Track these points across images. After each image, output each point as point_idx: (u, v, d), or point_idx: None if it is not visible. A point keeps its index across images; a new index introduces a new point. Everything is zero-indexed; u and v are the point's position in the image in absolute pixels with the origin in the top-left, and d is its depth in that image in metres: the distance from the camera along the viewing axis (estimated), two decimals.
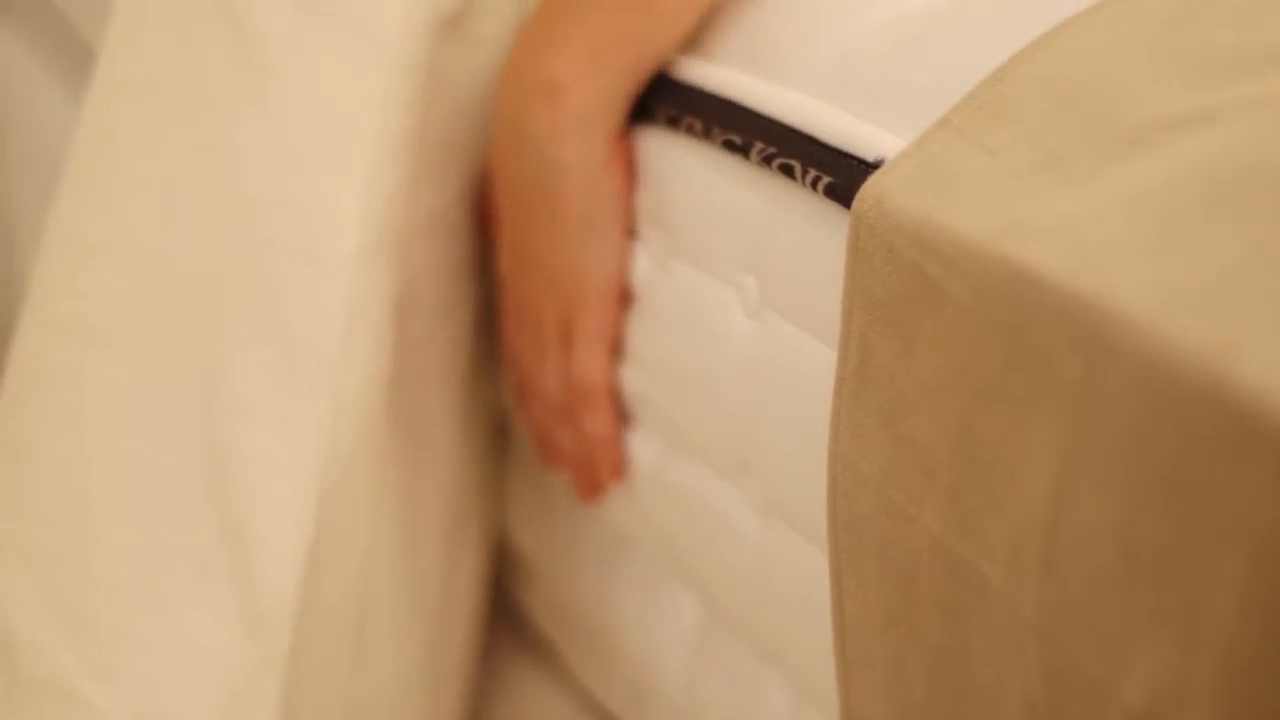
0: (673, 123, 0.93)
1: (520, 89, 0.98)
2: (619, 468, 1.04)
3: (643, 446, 1.01)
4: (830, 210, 0.81)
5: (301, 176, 1.01)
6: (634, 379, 1.00)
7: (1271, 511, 0.58)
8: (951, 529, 0.72)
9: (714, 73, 0.92)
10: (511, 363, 1.07)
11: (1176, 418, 0.61)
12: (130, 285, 1.02)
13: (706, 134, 0.90)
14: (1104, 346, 0.63)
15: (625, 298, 1.00)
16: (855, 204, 0.76)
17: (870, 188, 0.76)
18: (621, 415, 1.03)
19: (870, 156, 0.79)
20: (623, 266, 0.99)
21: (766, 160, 0.85)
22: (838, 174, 0.80)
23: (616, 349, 1.01)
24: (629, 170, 0.98)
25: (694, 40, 0.95)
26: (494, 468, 1.20)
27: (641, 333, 0.98)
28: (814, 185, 0.81)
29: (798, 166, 0.82)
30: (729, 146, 0.88)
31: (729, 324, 0.90)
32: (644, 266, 0.98)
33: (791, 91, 0.86)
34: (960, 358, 0.70)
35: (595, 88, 0.95)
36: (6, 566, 0.99)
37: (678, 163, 0.93)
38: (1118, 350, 0.63)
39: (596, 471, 1.05)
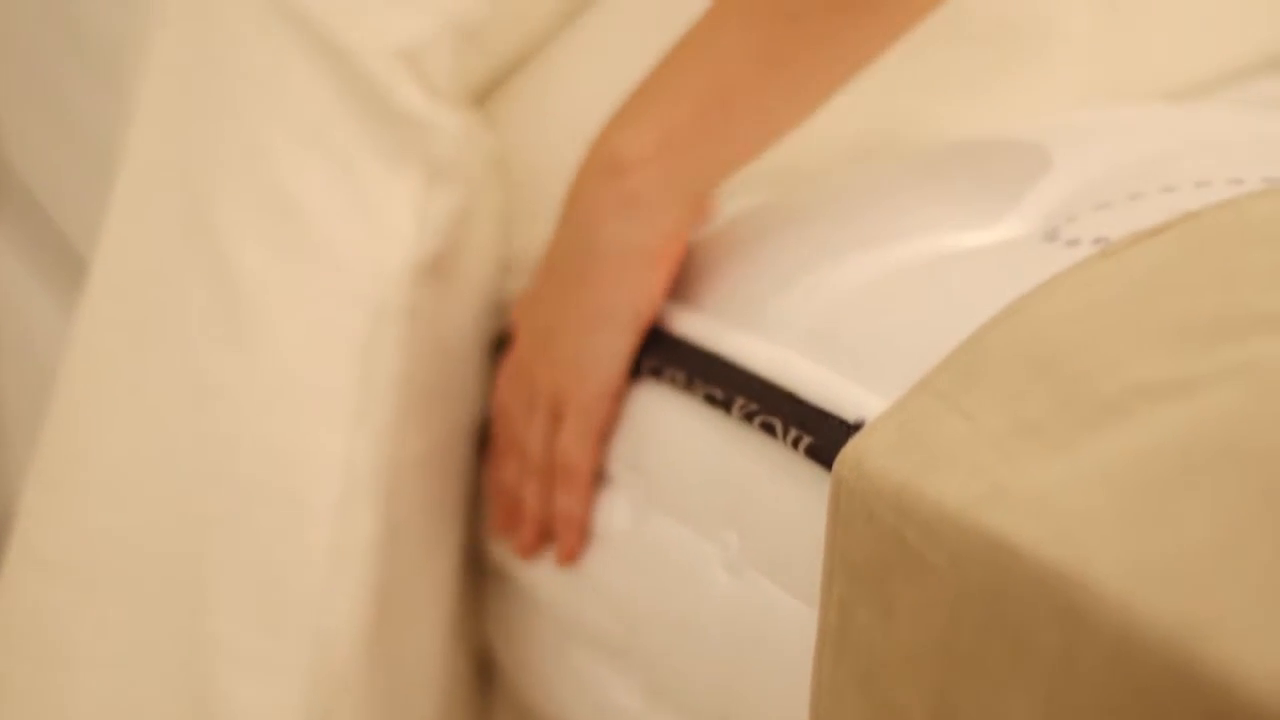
0: (655, 373, 0.94)
1: (587, 165, 0.95)
2: (574, 553, 1.01)
3: (625, 696, 1.00)
4: (812, 470, 0.81)
5: (284, 420, 1.01)
6: (612, 624, 0.99)
7: None
8: None
9: (697, 324, 0.93)
10: (498, 412, 1.04)
11: (1150, 696, 0.60)
12: (115, 526, 1.02)
13: (689, 386, 0.90)
14: (1080, 620, 0.63)
15: (619, 396, 0.97)
16: (836, 466, 0.76)
17: (851, 450, 0.75)
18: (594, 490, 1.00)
19: (851, 417, 0.79)
20: (626, 369, 0.96)
21: (748, 417, 0.85)
22: (819, 434, 0.80)
23: (606, 437, 0.98)
24: (671, 276, 0.95)
25: (678, 290, 0.96)
26: (478, 708, 1.19)
27: (621, 579, 0.97)
28: (795, 444, 0.81)
29: (779, 425, 0.82)
30: (710, 401, 0.88)
31: (709, 579, 0.89)
32: (624, 514, 0.97)
33: (773, 346, 0.86)
34: (939, 625, 0.70)
35: (660, 175, 0.92)
36: None
37: (660, 414, 0.94)
38: (1094, 624, 0.62)
39: (548, 539, 1.03)
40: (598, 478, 0.99)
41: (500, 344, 1.13)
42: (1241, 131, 0.93)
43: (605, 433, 0.97)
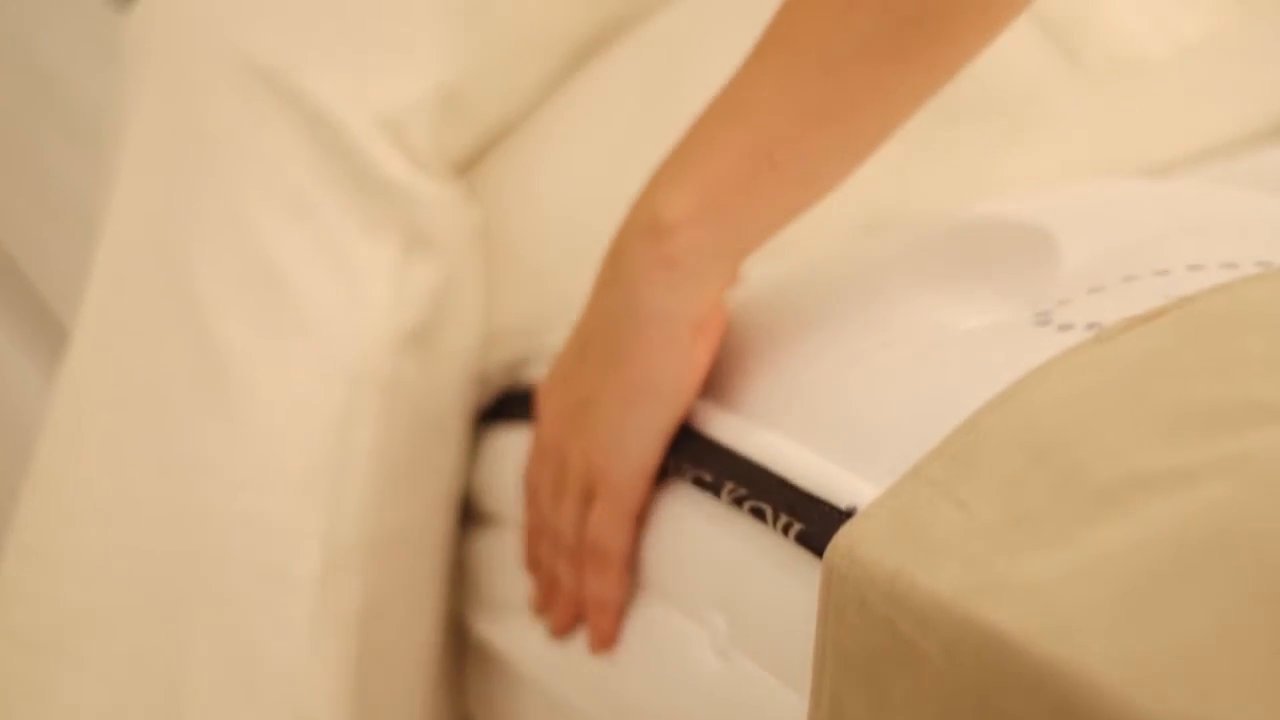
0: None
1: (627, 226, 0.90)
2: (609, 639, 0.95)
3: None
4: (802, 556, 0.80)
5: (264, 492, 1.00)
6: (597, 706, 0.98)
7: None
8: None
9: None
10: (528, 492, 0.99)
11: None
12: (91, 598, 1.02)
13: (677, 469, 0.90)
14: (1078, 716, 0.62)
15: (654, 477, 0.92)
16: (828, 554, 0.75)
17: (843, 538, 0.75)
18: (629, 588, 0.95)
19: (843, 503, 0.79)
20: (664, 449, 0.91)
21: (737, 502, 0.84)
22: (810, 521, 0.80)
23: (640, 519, 0.93)
24: (714, 348, 0.91)
25: None
26: None
27: (607, 661, 0.96)
28: (786, 531, 0.80)
29: (769, 510, 0.82)
30: (700, 484, 0.88)
31: (698, 662, 0.89)
32: None
33: (764, 430, 0.86)
34: (933, 717, 0.69)
35: (703, 236, 0.87)
36: None
37: (649, 496, 0.93)
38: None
39: (581, 621, 0.97)
40: (632, 560, 0.94)
41: (484, 415, 1.12)
42: (1234, 213, 0.93)
43: (640, 514, 0.92)
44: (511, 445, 1.08)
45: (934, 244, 0.94)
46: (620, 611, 0.94)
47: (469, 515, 1.13)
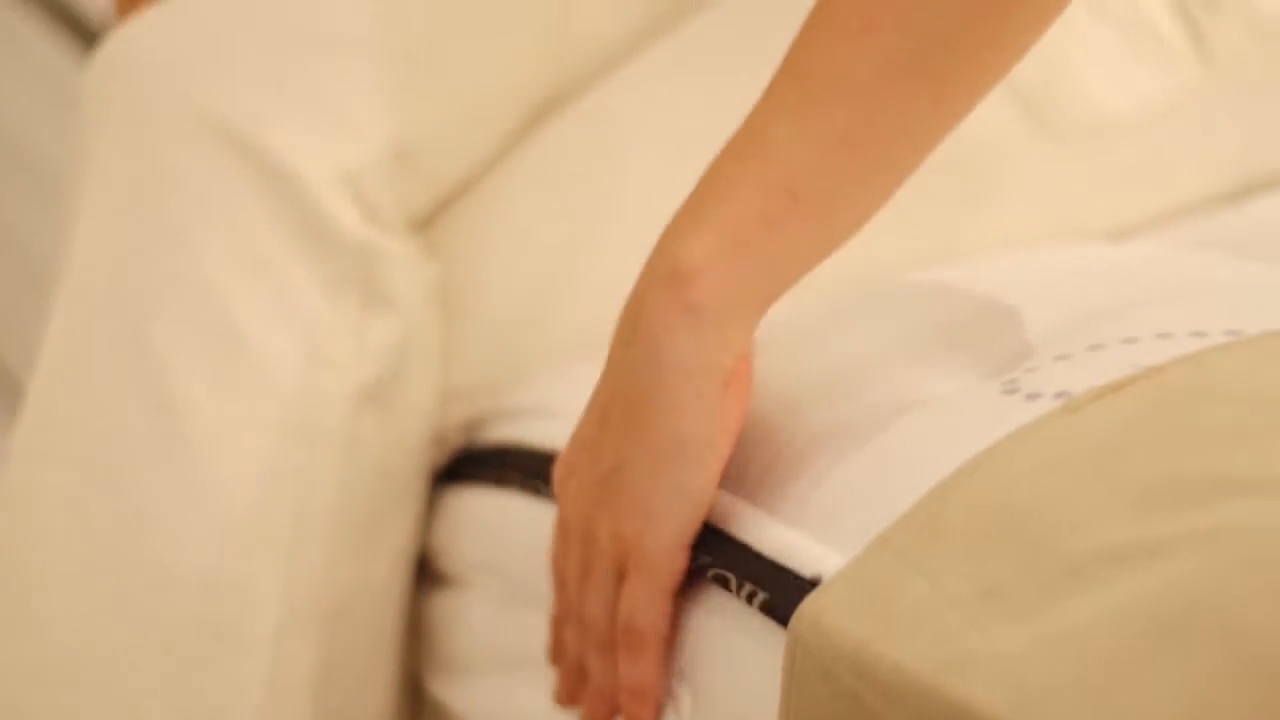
0: None
1: (644, 278, 0.83)
2: None
3: None
4: (767, 626, 0.79)
5: (220, 551, 1.00)
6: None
7: None
8: None
9: None
10: (555, 580, 0.91)
11: None
12: (44, 657, 1.01)
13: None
14: None
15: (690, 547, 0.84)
16: (792, 623, 0.74)
17: (808, 607, 0.74)
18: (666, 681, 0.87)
19: (808, 573, 0.78)
20: (702, 514, 0.83)
21: (700, 570, 0.83)
22: (774, 590, 0.79)
23: (677, 596, 0.85)
24: (745, 399, 0.84)
25: None
26: None
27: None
28: (750, 600, 0.80)
29: (733, 579, 0.81)
30: None
31: None
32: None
33: (726, 498, 0.85)
34: None
35: (727, 279, 0.80)
36: None
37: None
38: None
39: (615, 714, 0.89)
40: (669, 641, 0.86)
41: (441, 475, 1.11)
42: (1202, 280, 0.92)
43: (675, 589, 0.85)
44: (468, 506, 1.08)
45: (898, 310, 0.94)
46: (658, 699, 0.87)
47: (425, 575, 1.12)
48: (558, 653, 0.92)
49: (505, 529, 1.03)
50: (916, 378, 0.84)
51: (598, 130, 1.13)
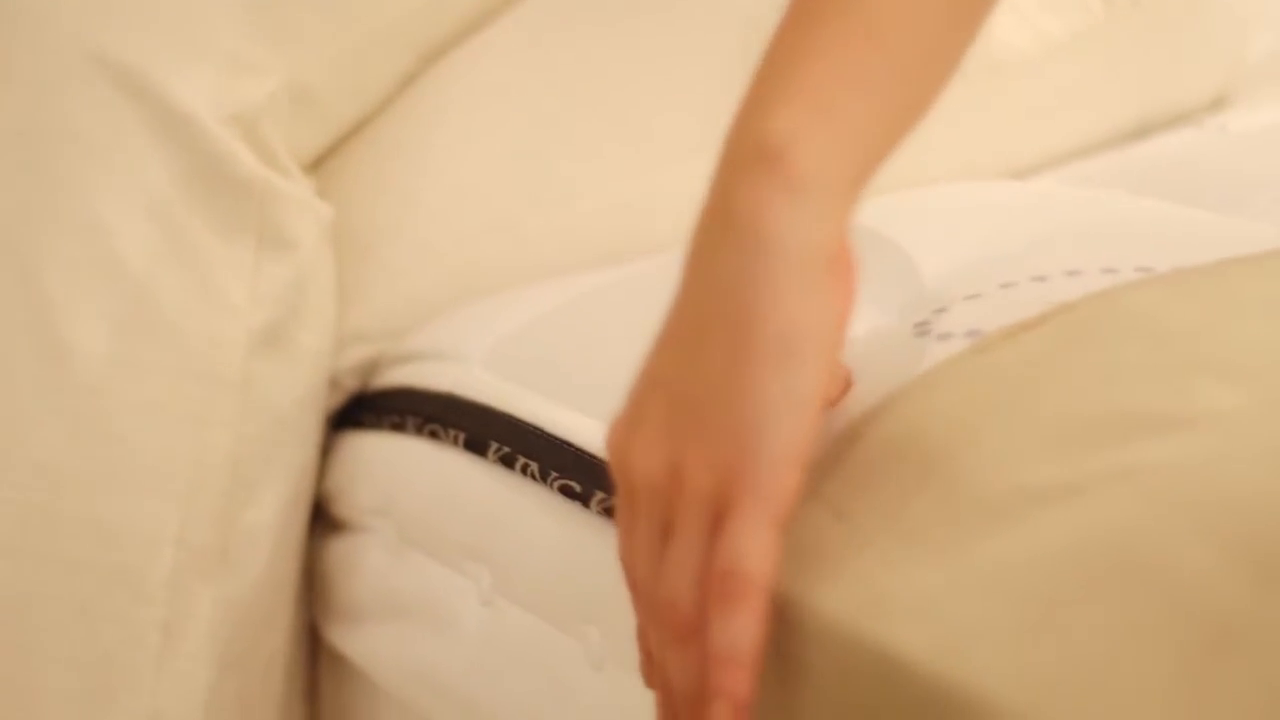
0: (507, 462, 0.91)
1: (726, 166, 0.73)
2: (745, 703, 0.69)
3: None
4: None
5: (115, 496, 0.99)
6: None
7: None
8: None
9: (549, 411, 0.90)
10: (629, 579, 0.76)
11: None
12: None
13: (543, 477, 0.88)
14: None
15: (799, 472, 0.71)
16: None
17: None
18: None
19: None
20: (816, 421, 0.71)
21: (607, 511, 0.82)
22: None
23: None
24: (850, 296, 0.73)
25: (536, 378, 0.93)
26: None
27: (472, 675, 0.94)
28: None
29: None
30: (567, 494, 0.86)
31: (571, 677, 0.87)
32: (472, 606, 0.94)
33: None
34: None
35: (825, 147, 0.71)
36: None
37: (513, 503, 0.91)
38: None
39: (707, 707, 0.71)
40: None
41: (336, 420, 1.10)
42: (1110, 217, 0.92)
43: (787, 520, 0.71)
44: (365, 450, 1.06)
45: None
46: (758, 661, 0.70)
47: (322, 521, 1.11)
48: (655, 676, 0.76)
49: (402, 473, 1.02)
50: None
51: (492, 69, 1.12)
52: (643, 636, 0.76)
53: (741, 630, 0.69)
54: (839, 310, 0.72)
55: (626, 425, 0.74)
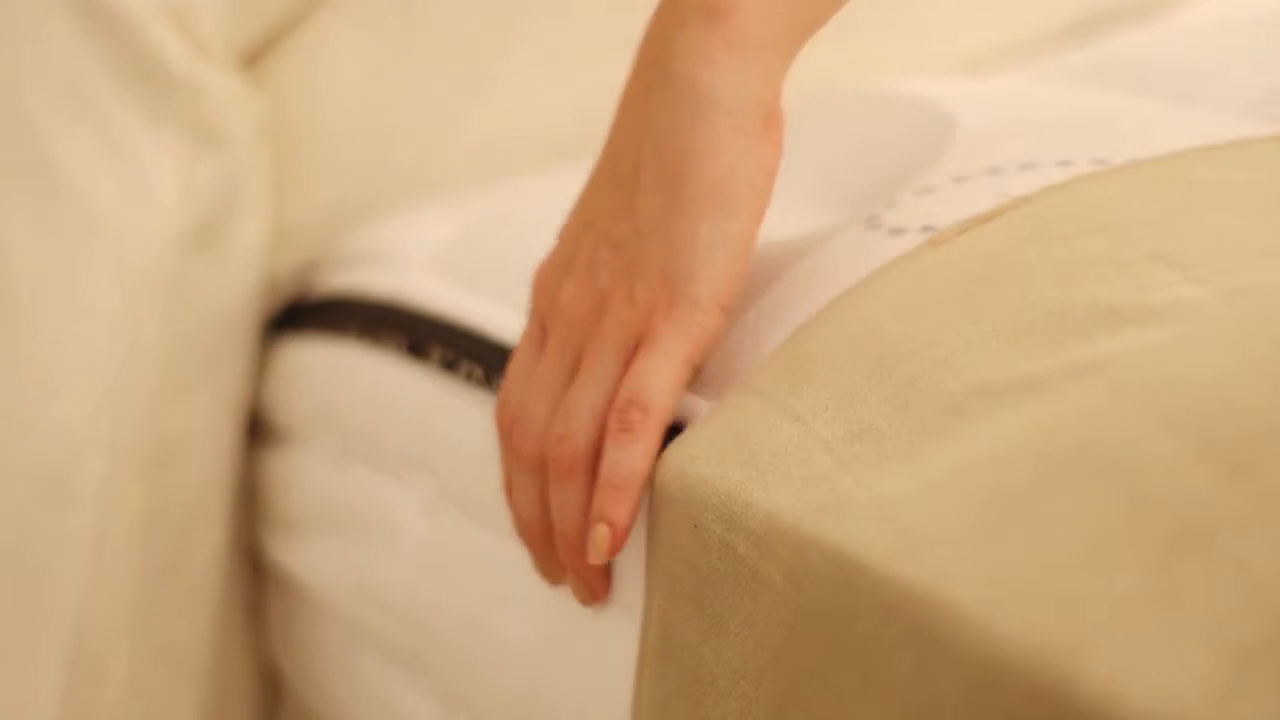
0: (449, 366, 0.90)
1: (668, 17, 0.74)
2: (621, 537, 0.73)
3: (419, 705, 0.95)
4: None
5: (44, 400, 0.97)
6: (401, 629, 0.94)
7: None
8: None
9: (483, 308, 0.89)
10: (505, 411, 0.78)
11: (1017, 718, 0.57)
12: None
13: (487, 382, 0.86)
14: (936, 641, 0.59)
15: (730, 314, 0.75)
16: (657, 473, 0.71)
17: (671, 455, 0.71)
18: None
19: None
20: (743, 270, 0.74)
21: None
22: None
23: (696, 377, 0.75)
24: (779, 152, 0.75)
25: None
26: (259, 708, 1.14)
27: (410, 581, 0.92)
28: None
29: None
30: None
31: (508, 584, 0.85)
32: (413, 512, 0.92)
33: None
34: (776, 643, 0.65)
35: (770, 7, 0.72)
36: None
37: (449, 406, 0.90)
38: (951, 646, 0.58)
39: (582, 551, 0.75)
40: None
41: (274, 325, 1.08)
42: (1063, 110, 0.90)
43: (701, 366, 0.75)
44: (304, 356, 1.04)
45: None
46: (641, 493, 0.73)
47: (261, 432, 1.08)
48: (526, 527, 0.79)
49: (342, 380, 1.00)
50: (774, 216, 0.80)
51: None
52: (511, 489, 0.78)
53: (634, 460, 0.72)
54: (772, 165, 0.74)
55: (556, 263, 0.78)
